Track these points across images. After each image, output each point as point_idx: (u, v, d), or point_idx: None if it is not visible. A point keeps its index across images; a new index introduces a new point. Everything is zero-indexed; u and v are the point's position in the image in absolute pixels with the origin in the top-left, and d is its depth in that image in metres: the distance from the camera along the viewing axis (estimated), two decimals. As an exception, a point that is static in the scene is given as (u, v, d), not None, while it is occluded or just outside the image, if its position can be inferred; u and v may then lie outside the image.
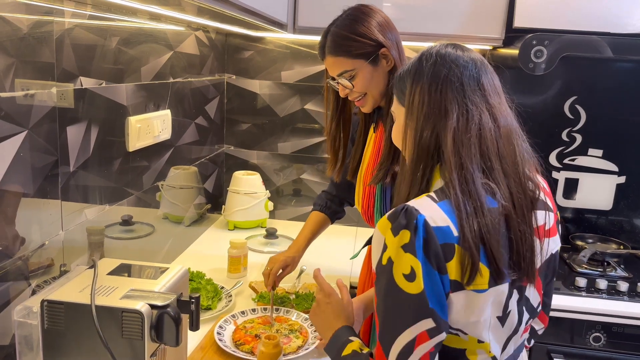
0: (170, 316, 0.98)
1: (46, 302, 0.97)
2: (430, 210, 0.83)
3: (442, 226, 0.82)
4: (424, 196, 0.87)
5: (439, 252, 0.81)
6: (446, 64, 0.90)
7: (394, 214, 0.85)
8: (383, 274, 0.84)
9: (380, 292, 0.86)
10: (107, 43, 1.34)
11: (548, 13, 1.76)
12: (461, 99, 0.88)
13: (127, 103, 1.46)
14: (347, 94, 1.38)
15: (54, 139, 1.15)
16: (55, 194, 1.17)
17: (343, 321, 1.08)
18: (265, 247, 2.07)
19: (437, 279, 0.82)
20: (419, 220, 0.82)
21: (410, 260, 0.81)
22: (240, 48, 2.30)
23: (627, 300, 1.74)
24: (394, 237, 0.83)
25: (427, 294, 0.81)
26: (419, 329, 0.82)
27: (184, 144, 1.90)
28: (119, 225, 1.52)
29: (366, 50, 1.31)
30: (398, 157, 1.35)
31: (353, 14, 1.33)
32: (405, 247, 0.82)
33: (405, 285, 0.82)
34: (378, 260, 0.86)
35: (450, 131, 0.87)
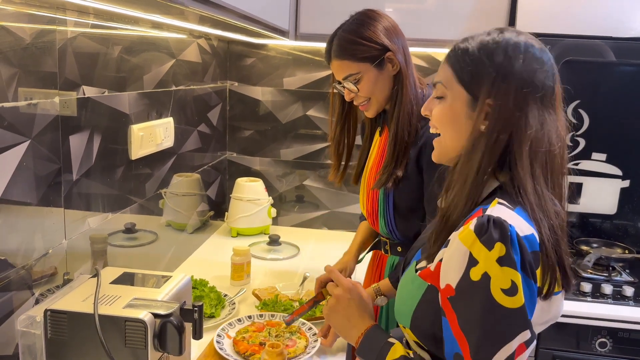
0: (174, 325, 0.98)
1: (49, 312, 0.97)
2: (513, 219, 0.81)
3: (528, 235, 0.81)
4: (497, 204, 0.83)
5: (531, 261, 0.80)
6: (534, 65, 0.86)
7: (481, 226, 0.80)
8: (475, 291, 0.80)
9: (471, 309, 0.80)
10: (109, 52, 1.35)
11: (550, 18, 1.76)
12: (541, 109, 0.85)
13: (129, 111, 1.46)
14: (352, 97, 1.38)
15: (57, 148, 1.15)
16: (59, 203, 1.17)
17: (369, 319, 1.05)
18: (269, 253, 2.06)
19: (533, 288, 0.81)
20: (512, 232, 0.79)
21: (511, 274, 0.78)
22: (242, 55, 2.31)
23: (632, 305, 1.73)
24: (489, 251, 0.79)
25: (526, 306, 0.79)
26: (517, 342, 0.79)
27: (186, 151, 1.90)
28: (122, 233, 1.52)
29: (372, 53, 1.32)
30: (401, 161, 1.34)
31: (359, 18, 1.34)
32: (501, 261, 0.78)
33: (505, 300, 0.78)
34: (463, 277, 0.81)
35: (527, 141, 0.84)
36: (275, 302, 1.56)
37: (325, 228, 2.41)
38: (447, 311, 0.83)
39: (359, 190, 2.33)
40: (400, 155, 1.34)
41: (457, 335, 0.82)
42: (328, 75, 2.27)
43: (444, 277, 0.84)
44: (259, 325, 1.43)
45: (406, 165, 1.34)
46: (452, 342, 0.83)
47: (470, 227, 0.81)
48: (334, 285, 1.14)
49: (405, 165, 1.34)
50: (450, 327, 0.83)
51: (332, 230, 2.40)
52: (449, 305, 0.83)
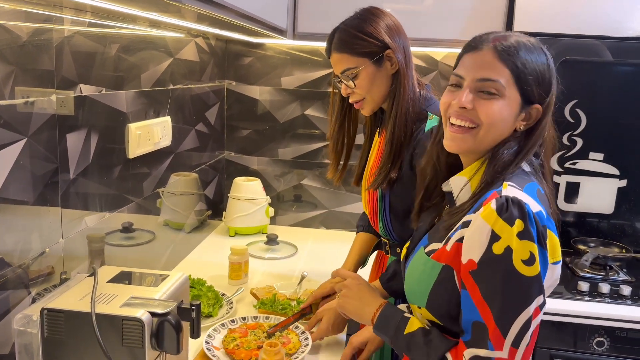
0: (171, 324, 0.97)
1: (46, 311, 0.97)
2: (526, 198, 0.91)
3: (537, 211, 0.91)
4: (508, 186, 0.93)
5: (543, 233, 0.90)
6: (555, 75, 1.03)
7: (501, 206, 0.90)
8: (497, 263, 0.89)
9: (495, 281, 0.89)
10: (106, 50, 1.34)
11: (547, 17, 1.77)
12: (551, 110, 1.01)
13: (127, 110, 1.46)
14: (349, 93, 1.37)
15: (54, 147, 1.15)
16: (55, 202, 1.17)
17: (381, 298, 1.13)
18: (266, 253, 2.06)
19: (547, 257, 0.91)
20: (528, 209, 0.89)
21: (529, 246, 0.88)
22: (240, 54, 2.31)
23: (630, 304, 1.73)
24: (510, 227, 0.88)
25: (542, 274, 0.89)
26: (534, 306, 0.90)
27: (184, 150, 1.90)
28: (120, 232, 1.52)
29: (371, 49, 1.31)
30: (397, 163, 1.34)
31: (363, 13, 1.34)
32: (522, 235, 0.88)
33: (525, 269, 0.88)
34: (486, 251, 0.89)
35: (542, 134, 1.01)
36: (273, 302, 1.56)
37: (323, 227, 2.40)
38: (469, 284, 0.92)
39: (357, 189, 2.33)
40: (396, 155, 1.34)
41: (479, 304, 0.91)
42: (326, 74, 2.27)
43: (466, 253, 0.92)
44: (242, 330, 1.41)
45: (400, 166, 1.34)
46: (472, 311, 0.91)
47: (492, 206, 0.90)
48: (342, 280, 1.23)
49: (400, 166, 1.34)
50: (471, 297, 0.91)
51: (330, 230, 2.40)
52: (470, 278, 0.92)
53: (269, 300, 1.57)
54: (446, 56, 2.20)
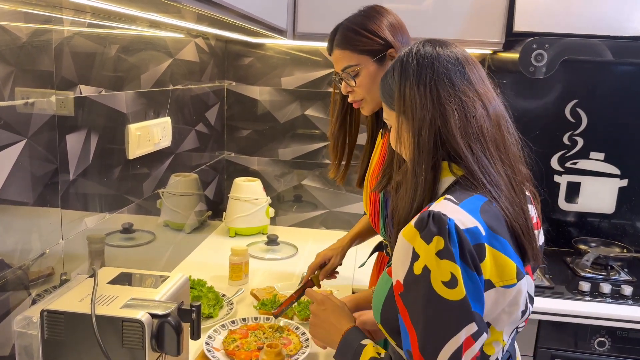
0: (171, 325, 0.97)
1: (46, 312, 0.96)
2: (455, 213, 0.82)
3: (471, 227, 0.82)
4: (443, 200, 0.85)
5: (473, 253, 0.81)
6: (429, 61, 0.90)
7: (421, 221, 0.82)
8: (417, 284, 0.81)
9: (416, 303, 0.82)
10: (106, 51, 1.34)
11: (548, 17, 1.76)
12: (453, 92, 0.88)
13: (126, 111, 1.45)
14: (349, 91, 1.36)
15: (54, 148, 1.15)
16: (55, 203, 1.17)
17: (346, 321, 1.06)
18: (267, 253, 2.06)
19: (477, 280, 0.81)
20: (450, 225, 0.80)
21: (449, 267, 0.79)
22: (240, 55, 2.30)
23: (631, 304, 1.73)
24: (427, 244, 0.80)
25: (469, 298, 0.80)
26: (464, 334, 0.80)
27: (184, 151, 1.89)
28: (120, 233, 1.51)
29: (373, 47, 1.30)
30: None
31: (366, 11, 1.34)
32: (440, 254, 0.80)
33: (446, 292, 0.79)
34: (407, 271, 0.82)
35: (453, 126, 0.87)
36: (274, 302, 1.56)
37: (323, 228, 2.40)
38: (400, 307, 0.85)
39: (357, 190, 2.33)
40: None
41: (409, 329, 0.83)
42: (326, 74, 2.26)
43: (394, 273, 0.86)
44: (242, 331, 1.41)
45: None
46: (406, 338, 0.84)
47: (412, 222, 0.84)
48: (312, 304, 1.16)
49: None
50: (403, 322, 0.84)
51: (331, 230, 2.39)
52: (400, 301, 0.85)
53: (270, 301, 1.56)
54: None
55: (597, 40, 1.68)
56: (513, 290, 0.85)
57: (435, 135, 0.88)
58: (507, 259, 0.84)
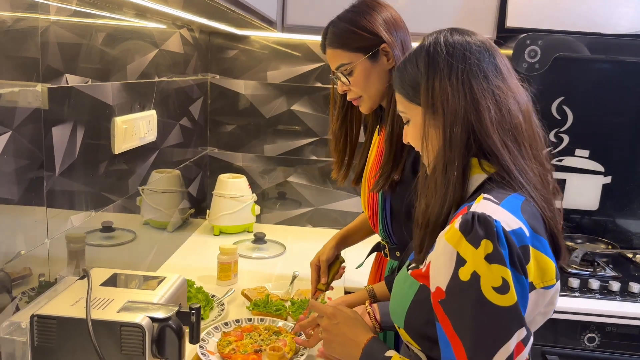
0: (173, 329, 0.92)
1: (36, 317, 0.90)
2: (499, 214, 0.78)
3: (516, 229, 0.78)
4: (482, 199, 0.81)
5: (520, 256, 0.77)
6: (460, 52, 0.86)
7: (465, 224, 0.78)
8: (464, 291, 0.77)
9: (463, 311, 0.77)
10: (92, 39, 1.27)
11: (541, 13, 1.76)
12: (487, 86, 0.84)
13: (112, 103, 1.38)
14: (345, 90, 1.32)
15: (39, 141, 1.07)
16: (41, 199, 1.09)
17: (364, 332, 1.00)
18: (254, 252, 2.00)
19: (524, 284, 0.77)
20: (497, 227, 0.76)
21: (500, 271, 0.75)
22: (224, 47, 2.24)
23: (619, 300, 1.74)
24: (475, 248, 0.76)
25: (519, 303, 0.76)
26: (515, 340, 0.76)
27: (168, 146, 1.82)
28: (99, 232, 1.43)
29: (365, 44, 1.25)
30: (398, 164, 1.29)
31: (358, 6, 1.28)
32: (490, 258, 0.75)
33: (497, 298, 0.75)
34: (451, 277, 0.78)
35: (488, 122, 0.82)
36: (267, 303, 1.51)
37: (309, 225, 2.36)
38: (440, 315, 0.80)
39: (344, 187, 2.30)
40: (398, 156, 1.28)
41: (452, 339, 0.78)
42: (313, 69, 2.22)
43: (433, 279, 0.82)
44: (237, 333, 1.36)
45: (403, 168, 1.29)
46: (446, 347, 0.79)
47: (455, 225, 0.79)
48: (320, 317, 1.09)
49: (402, 168, 1.29)
50: (444, 331, 0.80)
51: (317, 228, 2.35)
52: (440, 309, 0.80)
53: (262, 302, 1.51)
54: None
55: (583, 37, 1.68)
56: (552, 290, 0.83)
57: (468, 131, 0.83)
58: (548, 260, 0.81)
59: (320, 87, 2.23)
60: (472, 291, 0.76)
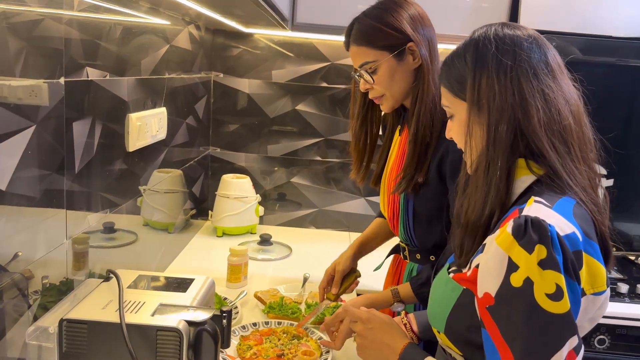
0: (209, 334, 0.88)
1: (66, 322, 0.85)
2: (552, 218, 0.75)
3: (569, 233, 0.75)
4: (533, 203, 0.78)
5: (574, 262, 0.75)
6: (510, 48, 0.82)
7: (518, 227, 0.75)
8: (516, 298, 0.74)
9: (514, 318, 0.74)
10: (111, 33, 1.22)
11: (553, 15, 1.76)
12: (537, 84, 0.81)
13: (128, 99, 1.33)
14: (367, 88, 1.29)
15: (61, 136, 1.02)
16: (61, 198, 1.04)
17: (400, 338, 0.97)
18: (259, 254, 1.96)
19: (577, 290, 0.75)
20: (552, 232, 0.73)
21: (554, 277, 0.73)
22: (228, 45, 2.19)
23: (628, 302, 1.75)
24: (529, 254, 0.73)
25: (572, 311, 0.74)
26: (567, 349, 0.74)
27: (175, 145, 1.77)
28: (101, 233, 1.37)
29: (391, 42, 1.22)
30: (422, 165, 1.26)
31: (384, 2, 1.25)
32: (543, 264, 0.73)
33: (551, 305, 0.73)
34: (502, 283, 0.75)
35: (536, 122, 0.79)
36: (281, 305, 1.47)
37: (312, 227, 2.32)
38: (487, 322, 0.77)
39: (348, 188, 2.27)
40: (422, 157, 1.25)
41: (501, 347, 0.75)
42: (319, 68, 2.19)
43: (481, 284, 0.79)
44: (256, 337, 1.32)
45: (427, 170, 1.26)
46: (493, 354, 0.77)
47: (507, 229, 0.76)
48: (354, 322, 1.06)
49: (427, 170, 1.26)
50: (491, 338, 0.77)
51: (321, 230, 2.32)
52: (488, 316, 0.77)
53: (277, 304, 1.48)
54: (444, 52, 2.17)
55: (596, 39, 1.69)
56: (602, 297, 0.81)
57: (514, 131, 0.80)
58: (599, 265, 0.79)
59: (325, 87, 2.20)
60: (524, 298, 0.73)
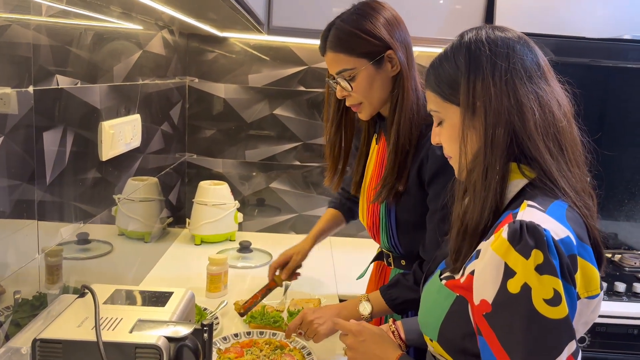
0: (190, 349, 0.85)
1: (39, 342, 0.81)
2: (547, 222, 0.74)
3: (564, 237, 0.74)
4: (527, 207, 0.77)
5: (569, 266, 0.73)
6: (504, 50, 0.81)
7: (514, 233, 0.74)
8: (514, 304, 0.73)
9: (512, 325, 0.73)
10: (81, 39, 1.18)
11: (528, 17, 1.77)
12: (531, 86, 0.80)
13: (100, 106, 1.29)
14: (344, 96, 1.26)
15: (31, 147, 0.98)
16: (32, 210, 1.00)
17: (392, 350, 0.96)
18: (239, 261, 1.93)
19: (573, 294, 0.74)
20: (547, 237, 0.72)
21: (552, 282, 0.71)
22: (203, 50, 2.16)
23: (606, 299, 1.77)
24: (526, 259, 0.72)
25: (570, 315, 0.73)
26: (566, 354, 0.73)
27: (150, 152, 1.73)
28: (75, 244, 1.32)
29: (371, 49, 1.20)
30: (402, 173, 1.25)
31: (361, 8, 1.22)
32: (540, 269, 0.72)
33: (549, 311, 0.72)
34: (499, 290, 0.74)
35: (532, 125, 0.79)
36: (263, 314, 1.45)
37: (293, 232, 2.30)
38: (484, 329, 0.76)
39: (327, 192, 2.25)
40: (402, 166, 1.24)
41: (499, 355, 0.75)
42: (296, 72, 2.17)
43: (477, 292, 0.77)
44: (236, 349, 1.29)
45: (407, 178, 1.25)
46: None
47: (502, 235, 0.75)
48: (344, 335, 1.04)
49: (407, 178, 1.25)
50: (489, 346, 0.76)
51: (301, 235, 2.28)
52: (485, 323, 0.76)
53: (258, 313, 1.45)
54: (419, 55, 2.17)
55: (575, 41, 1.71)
56: (596, 300, 0.80)
57: (510, 134, 0.79)
58: (593, 268, 0.78)
59: (303, 90, 2.18)
60: (522, 304, 0.72)
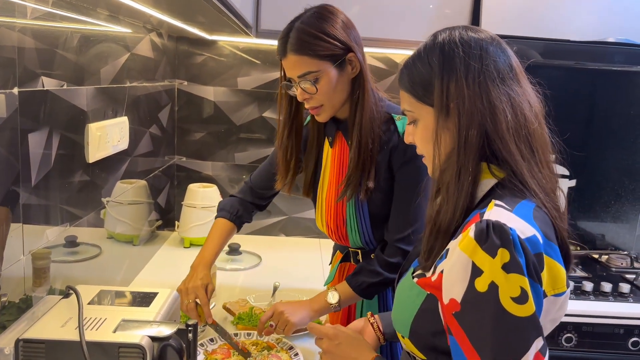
0: (174, 349, 0.86)
1: (22, 342, 0.81)
2: (513, 221, 0.75)
3: (530, 236, 0.75)
4: (494, 207, 0.78)
5: (535, 264, 0.74)
6: (477, 52, 0.82)
7: (480, 232, 0.74)
8: (482, 303, 0.74)
9: (481, 323, 0.74)
10: (68, 40, 1.18)
11: (514, 20, 1.79)
12: (503, 88, 0.81)
13: (87, 108, 1.30)
14: (306, 98, 1.26)
15: (16, 148, 0.98)
16: (17, 212, 1.00)
17: (368, 352, 0.96)
18: (228, 264, 1.94)
19: (540, 292, 0.75)
20: (513, 235, 0.73)
21: (519, 280, 0.72)
22: (191, 53, 2.16)
23: (593, 299, 1.79)
24: (493, 258, 0.73)
25: (537, 313, 0.73)
26: (533, 351, 0.73)
27: (139, 155, 1.73)
28: (63, 247, 1.32)
29: (334, 52, 1.21)
30: (369, 170, 1.26)
31: (320, 12, 1.23)
32: (507, 267, 0.72)
33: (516, 309, 0.72)
34: (467, 288, 0.75)
35: (504, 126, 0.80)
36: (251, 316, 1.45)
37: (282, 235, 2.30)
38: (454, 328, 0.77)
39: (314, 195, 2.25)
40: (367, 164, 1.26)
41: (469, 353, 0.75)
42: (284, 75, 2.18)
43: (447, 291, 0.78)
44: (223, 351, 1.29)
45: (375, 173, 1.27)
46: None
47: (469, 234, 0.76)
48: (320, 339, 1.03)
49: (375, 173, 1.27)
50: (459, 345, 0.76)
51: (290, 237, 2.30)
52: (455, 322, 0.77)
53: (246, 315, 1.45)
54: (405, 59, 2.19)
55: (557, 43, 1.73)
56: (562, 298, 0.81)
57: (482, 135, 0.80)
58: (559, 267, 0.79)
59: (292, 93, 2.19)
60: (490, 302, 0.73)
